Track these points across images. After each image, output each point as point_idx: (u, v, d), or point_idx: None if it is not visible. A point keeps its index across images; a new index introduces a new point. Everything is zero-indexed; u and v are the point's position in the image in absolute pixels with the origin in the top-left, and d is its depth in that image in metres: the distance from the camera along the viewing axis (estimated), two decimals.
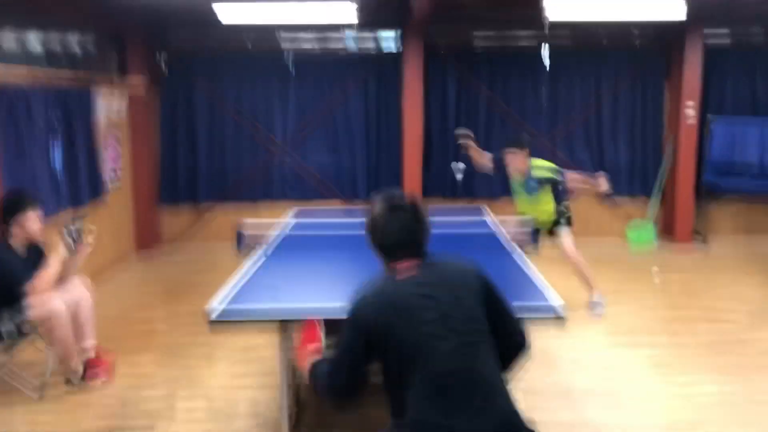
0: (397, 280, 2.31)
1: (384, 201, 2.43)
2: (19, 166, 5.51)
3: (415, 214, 2.40)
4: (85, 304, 4.53)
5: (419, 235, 2.39)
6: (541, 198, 5.70)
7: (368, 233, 2.43)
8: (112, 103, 7.46)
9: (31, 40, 6.00)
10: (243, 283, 3.64)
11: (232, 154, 8.29)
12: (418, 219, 2.40)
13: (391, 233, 2.36)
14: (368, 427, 3.89)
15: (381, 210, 2.40)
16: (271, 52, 8.18)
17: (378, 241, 2.40)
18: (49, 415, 4.02)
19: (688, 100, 8.00)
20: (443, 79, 8.20)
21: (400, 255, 2.35)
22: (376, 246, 2.41)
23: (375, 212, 2.41)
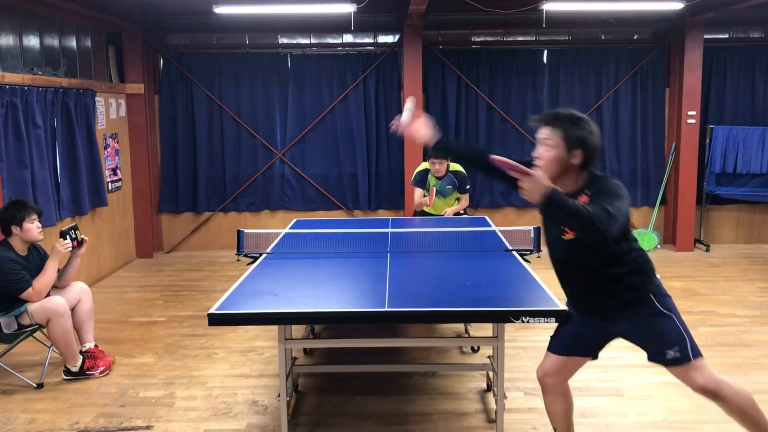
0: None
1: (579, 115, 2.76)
2: (20, 171, 5.53)
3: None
4: (85, 307, 4.60)
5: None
6: (451, 200, 6.25)
7: (587, 142, 2.70)
8: (111, 106, 7.50)
9: (30, 43, 6.04)
10: (243, 288, 3.65)
11: (231, 161, 8.32)
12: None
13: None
14: (365, 417, 3.90)
15: (590, 122, 2.74)
16: (270, 53, 8.23)
17: (595, 149, 2.74)
18: (48, 412, 4.03)
19: (689, 107, 8.03)
20: (442, 79, 8.23)
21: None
22: (591, 155, 2.73)
23: (589, 124, 2.73)
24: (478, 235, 5.07)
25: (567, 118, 2.72)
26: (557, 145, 2.70)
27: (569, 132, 2.68)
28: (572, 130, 2.68)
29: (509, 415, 3.83)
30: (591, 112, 8.32)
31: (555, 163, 2.72)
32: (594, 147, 2.71)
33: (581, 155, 2.69)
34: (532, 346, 4.97)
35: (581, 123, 2.71)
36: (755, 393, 4.17)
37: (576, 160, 2.70)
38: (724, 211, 8.51)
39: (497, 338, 3.58)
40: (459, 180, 6.15)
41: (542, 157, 2.75)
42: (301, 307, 3.30)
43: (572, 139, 2.68)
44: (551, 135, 2.73)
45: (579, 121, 2.71)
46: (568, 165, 2.71)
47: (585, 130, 2.69)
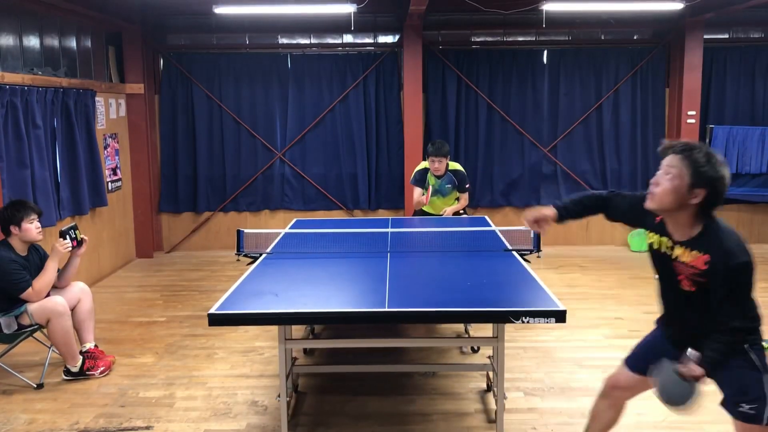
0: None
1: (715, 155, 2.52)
2: (20, 171, 5.53)
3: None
4: (85, 307, 4.60)
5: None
6: (450, 199, 6.20)
7: (720, 186, 2.48)
8: (111, 106, 7.50)
9: (30, 43, 6.04)
10: (243, 288, 3.65)
11: (232, 160, 8.32)
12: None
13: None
14: (365, 417, 3.90)
15: (721, 163, 2.49)
16: (270, 53, 8.23)
17: (721, 193, 2.50)
18: (48, 412, 4.03)
19: (689, 107, 8.03)
20: (442, 80, 8.23)
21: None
22: (716, 199, 2.50)
23: (719, 166, 2.48)
24: (478, 235, 5.07)
25: (704, 154, 2.48)
26: (681, 176, 2.47)
27: (701, 168, 2.45)
28: (705, 168, 2.44)
29: (509, 416, 3.83)
30: (591, 112, 8.33)
31: (672, 196, 2.50)
32: (720, 192, 2.46)
33: (704, 195, 2.46)
34: (532, 347, 4.98)
35: (716, 163, 2.46)
36: None
37: (696, 200, 2.47)
38: (723, 211, 8.40)
39: (497, 338, 3.59)
40: (458, 179, 6.12)
41: (660, 184, 2.52)
42: (301, 307, 3.30)
43: (701, 176, 2.44)
44: (678, 165, 2.49)
45: (713, 159, 2.47)
46: (686, 202, 2.49)
47: (718, 171, 2.45)
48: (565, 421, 3.84)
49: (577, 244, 8.55)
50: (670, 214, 2.57)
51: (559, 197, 8.44)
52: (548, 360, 4.74)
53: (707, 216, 2.52)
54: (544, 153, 8.37)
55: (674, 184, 2.49)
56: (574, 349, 4.94)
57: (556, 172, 8.45)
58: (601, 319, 5.65)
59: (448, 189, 6.14)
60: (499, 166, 8.40)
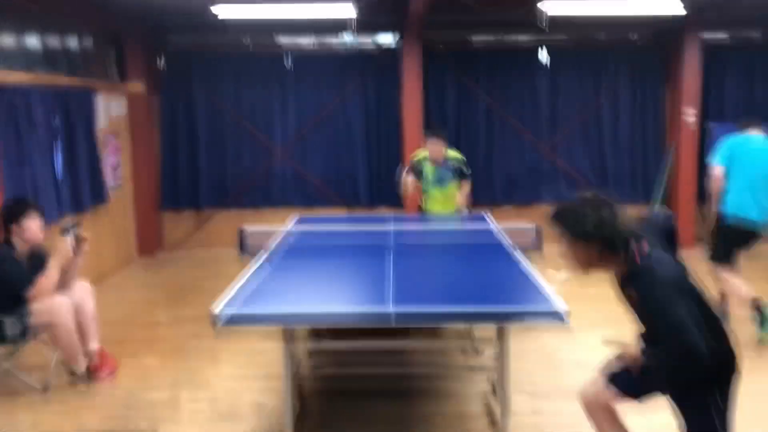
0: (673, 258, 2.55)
1: (588, 201, 2.55)
2: (20, 170, 5.53)
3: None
4: (88, 307, 4.58)
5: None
6: (451, 189, 6.00)
7: (602, 229, 2.47)
8: (111, 106, 7.48)
9: (30, 43, 6.03)
10: (246, 288, 3.66)
11: (232, 159, 8.33)
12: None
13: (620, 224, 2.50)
14: (370, 419, 3.91)
15: (596, 208, 2.49)
16: (270, 53, 8.22)
17: (610, 235, 2.49)
18: (53, 415, 4.04)
19: (688, 105, 8.06)
20: (442, 80, 8.24)
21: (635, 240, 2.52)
22: (605, 243, 2.50)
23: (599, 210, 2.48)
24: (479, 234, 5.07)
25: (569, 216, 2.54)
26: (569, 243, 2.55)
27: (574, 230, 2.51)
28: (576, 227, 2.50)
29: (513, 418, 3.83)
30: (591, 112, 8.34)
31: (578, 260, 2.57)
32: (608, 233, 2.47)
33: (599, 244, 2.50)
34: (536, 348, 4.99)
35: (583, 216, 2.49)
36: (755, 394, 4.21)
37: (598, 248, 2.51)
38: None
39: (501, 339, 3.59)
40: (458, 166, 5.98)
41: (568, 257, 2.59)
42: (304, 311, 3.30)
43: (578, 234, 2.50)
44: (560, 232, 2.57)
45: (577, 213, 2.52)
46: (594, 256, 2.54)
47: (589, 221, 2.47)
48: (569, 423, 3.85)
49: None
50: (600, 268, 2.63)
51: (559, 197, 8.46)
52: (552, 362, 4.76)
53: (622, 249, 2.51)
54: (543, 152, 8.38)
55: (571, 251, 2.55)
56: (577, 351, 4.95)
57: (556, 172, 8.46)
58: (602, 319, 5.66)
59: (449, 176, 6.00)
60: (498, 166, 8.41)
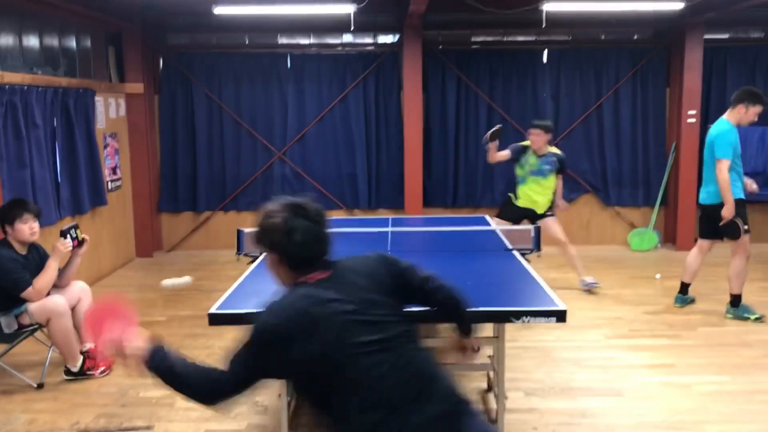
0: (308, 286, 2.12)
1: (286, 208, 2.20)
2: (19, 171, 5.53)
3: (322, 221, 2.23)
4: (85, 306, 4.60)
5: (329, 244, 2.24)
6: (549, 181, 6.35)
7: (270, 246, 2.19)
8: (111, 106, 7.49)
9: (29, 43, 6.03)
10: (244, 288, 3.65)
11: (231, 160, 8.32)
12: (326, 226, 2.24)
13: (302, 246, 2.14)
14: None
15: (283, 219, 2.16)
16: (269, 53, 8.23)
17: (288, 253, 2.16)
18: (49, 412, 4.03)
19: (689, 105, 8.03)
20: (442, 79, 8.23)
21: (314, 267, 2.17)
22: (284, 258, 2.18)
23: (275, 222, 2.16)
24: (479, 234, 5.07)
25: (260, 218, 2.23)
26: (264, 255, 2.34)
27: (258, 237, 2.23)
28: (258, 234, 2.22)
29: (509, 415, 3.83)
30: (591, 112, 8.33)
31: (274, 273, 2.26)
32: (284, 249, 2.15)
33: (278, 259, 2.18)
34: (533, 346, 4.98)
35: (266, 223, 2.19)
36: (755, 393, 4.21)
37: (280, 267, 2.21)
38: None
39: (498, 338, 3.59)
40: (559, 160, 6.32)
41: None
42: None
43: (261, 243, 2.22)
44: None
45: (265, 220, 2.20)
46: (283, 273, 2.22)
47: (266, 233, 2.18)
48: (565, 421, 3.84)
49: (578, 243, 8.52)
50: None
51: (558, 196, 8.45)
52: (548, 360, 4.75)
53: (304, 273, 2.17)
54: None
55: (265, 260, 2.30)
56: (574, 349, 4.94)
57: None
58: (602, 319, 5.66)
59: (548, 170, 6.25)
60: (499, 166, 8.38)
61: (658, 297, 6.34)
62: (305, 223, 2.17)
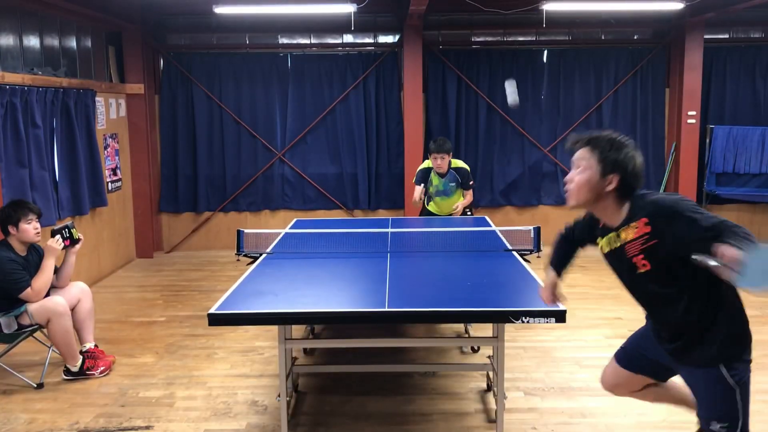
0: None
1: (622, 138, 2.54)
2: (19, 171, 5.53)
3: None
4: (84, 307, 4.60)
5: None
6: (455, 195, 6.12)
7: (625, 167, 2.47)
8: (111, 106, 7.49)
9: (30, 43, 6.03)
10: (243, 288, 3.66)
11: (231, 160, 8.32)
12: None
13: (640, 166, 2.52)
14: (365, 417, 3.90)
15: (630, 146, 2.52)
16: (270, 53, 8.23)
17: (634, 174, 2.49)
18: (48, 412, 4.03)
19: (689, 105, 8.04)
20: (443, 79, 8.23)
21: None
22: (630, 180, 2.48)
23: (628, 147, 2.51)
24: (478, 235, 5.07)
25: (606, 141, 2.50)
26: (590, 167, 2.48)
27: (606, 155, 2.46)
28: (610, 153, 2.46)
29: (509, 415, 3.83)
30: (591, 112, 8.33)
31: (586, 188, 2.48)
32: (633, 173, 2.47)
33: (617, 180, 2.45)
34: (532, 346, 4.97)
35: (621, 146, 2.49)
36: (755, 393, 4.18)
37: (611, 186, 2.46)
38: (723, 211, 8.49)
39: (497, 338, 3.58)
40: (462, 176, 6.05)
41: (572, 180, 2.52)
42: (301, 307, 3.31)
43: (609, 162, 2.46)
44: (586, 156, 2.50)
45: (619, 144, 2.50)
46: (602, 191, 2.47)
47: (624, 154, 2.47)
48: (565, 421, 3.84)
49: None
50: (595, 208, 2.57)
51: (559, 197, 8.45)
52: (548, 360, 4.74)
53: (631, 197, 2.49)
54: (544, 153, 8.37)
55: (585, 177, 2.49)
56: (574, 349, 4.94)
57: (556, 172, 8.45)
58: (601, 319, 5.65)
59: (452, 188, 6.08)
60: (499, 166, 8.40)
61: None
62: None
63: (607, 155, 2.46)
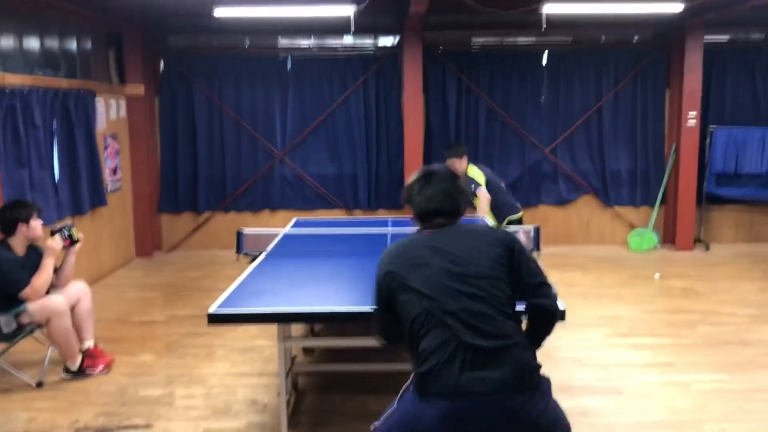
0: (416, 235, 2.51)
1: (420, 171, 2.60)
2: (19, 172, 5.53)
3: (449, 183, 2.53)
4: (84, 304, 4.60)
5: (452, 204, 2.50)
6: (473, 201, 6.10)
7: (406, 201, 2.57)
8: (111, 108, 7.50)
9: (30, 45, 6.04)
10: (243, 285, 3.66)
11: (232, 161, 8.33)
12: (452, 188, 2.52)
13: (424, 201, 2.50)
14: (365, 416, 3.88)
15: (416, 179, 2.56)
16: (269, 54, 8.24)
17: (414, 207, 2.54)
18: (48, 411, 4.02)
19: (689, 107, 8.03)
20: (443, 81, 8.24)
21: (434, 222, 2.48)
22: (413, 214, 2.55)
23: (411, 181, 2.58)
24: None
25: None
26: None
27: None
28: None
29: None
30: (591, 113, 8.34)
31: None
32: (411, 203, 2.59)
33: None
34: None
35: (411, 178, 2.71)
36: (756, 392, 4.21)
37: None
38: (724, 211, 8.50)
39: None
40: (468, 183, 6.01)
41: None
42: (300, 306, 3.31)
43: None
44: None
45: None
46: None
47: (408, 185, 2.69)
48: None
49: (577, 243, 8.55)
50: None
51: (559, 197, 8.47)
52: (548, 359, 4.72)
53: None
54: (544, 153, 8.38)
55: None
56: (574, 348, 4.94)
57: (556, 173, 8.46)
58: (601, 318, 5.66)
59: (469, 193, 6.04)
60: (499, 167, 8.39)
61: (657, 296, 6.34)
62: (429, 182, 2.56)
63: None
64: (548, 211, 8.55)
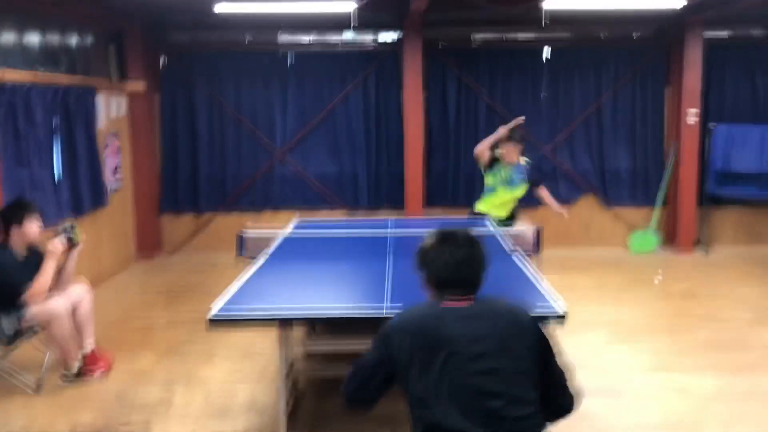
0: (441, 307, 2.22)
1: (438, 233, 2.35)
2: (19, 171, 5.52)
3: (471, 249, 2.30)
4: (85, 306, 4.58)
5: (473, 272, 2.29)
6: (519, 188, 6.12)
7: (420, 265, 2.32)
8: (112, 105, 7.48)
9: (30, 41, 6.02)
10: (244, 287, 3.65)
11: (232, 160, 8.31)
12: (474, 254, 2.30)
13: (443, 267, 2.26)
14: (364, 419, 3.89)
15: (434, 242, 2.31)
16: (270, 51, 8.21)
17: (430, 273, 2.30)
18: (47, 413, 4.03)
19: (690, 104, 8.00)
20: (443, 78, 8.22)
21: (452, 291, 2.25)
22: (428, 280, 2.31)
23: (427, 244, 2.32)
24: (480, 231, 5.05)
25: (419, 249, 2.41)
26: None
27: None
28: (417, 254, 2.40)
29: None
30: (591, 110, 8.32)
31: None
32: (430, 269, 2.32)
33: (426, 277, 2.36)
34: None
35: (424, 243, 2.40)
36: (756, 394, 4.20)
37: (429, 286, 2.36)
38: (724, 212, 8.47)
39: None
40: (529, 169, 6.11)
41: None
42: (300, 308, 3.30)
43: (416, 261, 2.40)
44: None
45: (424, 241, 2.41)
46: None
47: (420, 251, 2.38)
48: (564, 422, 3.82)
49: (578, 245, 8.52)
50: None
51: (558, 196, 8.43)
52: None
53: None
54: (544, 152, 8.35)
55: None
56: (575, 348, 4.90)
57: (555, 171, 8.43)
58: (601, 321, 5.65)
59: (519, 179, 6.05)
60: None
61: (657, 299, 6.33)
62: (448, 248, 2.30)
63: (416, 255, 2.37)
64: (548, 211, 8.52)
